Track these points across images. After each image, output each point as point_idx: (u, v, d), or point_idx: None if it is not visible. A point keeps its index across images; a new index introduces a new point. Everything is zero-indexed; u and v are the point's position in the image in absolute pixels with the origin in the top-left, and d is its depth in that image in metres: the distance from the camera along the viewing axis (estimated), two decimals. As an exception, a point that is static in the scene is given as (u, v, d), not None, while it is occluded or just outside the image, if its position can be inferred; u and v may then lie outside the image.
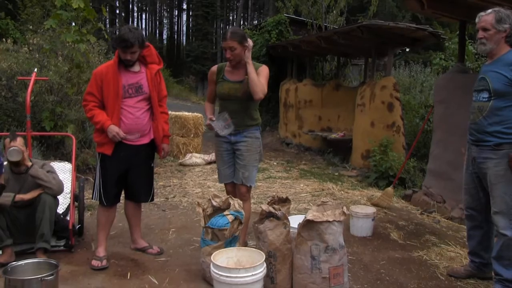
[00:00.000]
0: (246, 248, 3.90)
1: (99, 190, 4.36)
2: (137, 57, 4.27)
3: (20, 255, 4.17)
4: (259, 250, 3.59)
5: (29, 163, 4.38)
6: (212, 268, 3.36)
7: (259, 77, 4.21)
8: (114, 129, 4.16)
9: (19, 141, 4.33)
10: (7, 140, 4.31)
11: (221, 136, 4.29)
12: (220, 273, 3.28)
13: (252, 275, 3.26)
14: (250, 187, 4.45)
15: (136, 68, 4.35)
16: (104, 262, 4.23)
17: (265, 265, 3.40)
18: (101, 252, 4.35)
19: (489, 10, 3.70)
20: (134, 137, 4.30)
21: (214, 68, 4.53)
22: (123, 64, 4.27)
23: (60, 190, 4.48)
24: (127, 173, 4.38)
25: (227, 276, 3.25)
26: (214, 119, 4.24)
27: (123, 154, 4.29)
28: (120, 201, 4.55)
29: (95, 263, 4.22)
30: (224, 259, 3.55)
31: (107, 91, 4.22)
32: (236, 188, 4.48)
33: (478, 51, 3.98)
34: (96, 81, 4.25)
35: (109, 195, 4.36)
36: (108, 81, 4.21)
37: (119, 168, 4.33)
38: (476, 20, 3.76)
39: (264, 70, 4.33)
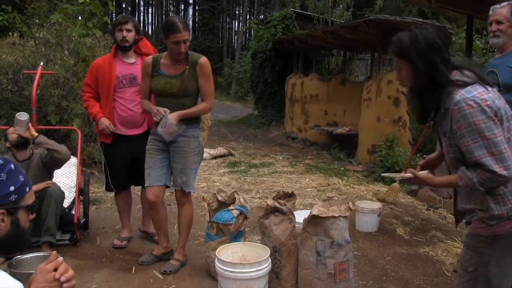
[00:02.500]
0: (251, 243, 3.89)
1: (107, 178, 4.60)
2: (132, 39, 4.43)
3: (25, 249, 4.18)
4: (264, 245, 3.58)
5: (35, 134, 4.35)
6: (216, 263, 3.35)
7: (206, 83, 3.89)
8: (104, 122, 4.34)
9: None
10: (10, 129, 4.34)
11: (157, 133, 3.83)
12: (225, 268, 3.27)
13: (257, 270, 3.25)
14: (189, 192, 4.07)
15: (131, 59, 4.49)
16: (124, 243, 4.60)
17: (270, 260, 3.39)
18: (124, 233, 4.71)
19: (504, 3, 3.64)
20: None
21: (149, 59, 3.99)
22: (119, 55, 4.45)
23: (68, 155, 4.43)
24: (135, 162, 4.43)
25: (232, 271, 3.24)
26: (168, 113, 3.75)
27: (122, 143, 4.42)
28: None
29: (116, 242, 4.59)
30: (229, 254, 3.54)
31: (101, 82, 4.40)
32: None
33: (490, 43, 3.93)
34: (92, 72, 4.48)
35: (117, 182, 4.57)
36: (103, 71, 4.40)
37: (121, 156, 4.46)
38: (490, 12, 3.70)
39: (208, 67, 3.92)
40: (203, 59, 3.88)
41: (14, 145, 4.34)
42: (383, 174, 3.29)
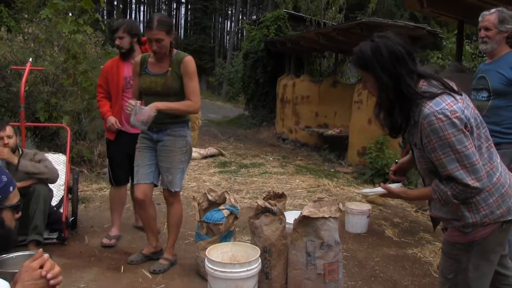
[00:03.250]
0: (241, 243, 3.88)
1: (109, 171, 4.82)
2: (128, 44, 4.54)
3: (12, 248, 4.14)
4: (254, 245, 3.57)
5: (16, 160, 4.27)
6: (206, 263, 3.34)
7: (190, 81, 3.83)
8: (110, 120, 4.49)
9: (8, 130, 4.29)
10: None
11: (144, 131, 3.91)
12: (215, 268, 3.26)
13: (247, 270, 3.24)
14: (176, 191, 4.05)
15: None
16: (113, 241, 4.61)
17: (260, 260, 3.38)
18: (113, 231, 4.72)
19: (493, 10, 3.66)
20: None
21: (138, 58, 4.04)
22: (127, 57, 4.59)
23: (55, 177, 4.45)
24: (130, 160, 4.47)
25: (222, 271, 3.23)
26: (138, 103, 3.71)
27: (124, 140, 4.55)
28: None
29: (105, 240, 4.59)
30: (219, 254, 3.53)
31: (111, 83, 4.60)
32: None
33: (479, 49, 3.96)
34: (103, 75, 4.69)
35: (117, 176, 4.71)
36: (112, 73, 4.59)
37: (122, 152, 4.57)
38: (479, 18, 3.73)
39: (192, 66, 3.86)
40: (188, 58, 3.85)
41: None
42: (358, 192, 3.31)
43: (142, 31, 4.91)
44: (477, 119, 2.24)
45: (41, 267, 1.64)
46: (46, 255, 1.69)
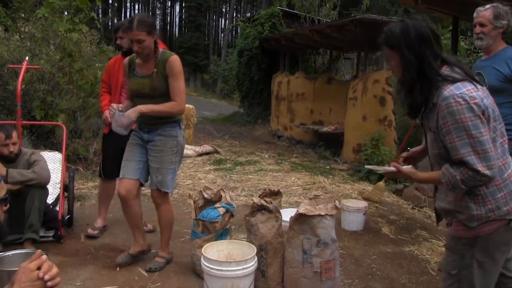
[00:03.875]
0: (237, 241, 3.88)
1: (100, 164, 5.00)
2: (127, 44, 4.46)
3: (8, 246, 4.10)
4: (250, 244, 3.57)
5: (4, 171, 4.18)
6: (202, 261, 3.34)
7: (175, 81, 3.77)
8: (105, 114, 4.58)
9: (14, 137, 4.29)
10: (1, 134, 4.22)
11: (136, 129, 3.96)
12: (211, 266, 3.26)
13: (243, 268, 3.24)
14: (166, 192, 3.98)
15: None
16: (96, 232, 4.77)
17: (256, 258, 3.38)
18: (98, 222, 4.89)
19: (488, 6, 3.66)
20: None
21: (126, 60, 4.00)
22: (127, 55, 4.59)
23: (46, 180, 4.39)
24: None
25: (218, 270, 3.23)
26: (118, 108, 3.71)
27: (117, 134, 4.46)
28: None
29: (90, 231, 4.76)
30: (214, 252, 3.53)
31: (112, 80, 4.77)
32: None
33: (475, 45, 3.95)
34: (107, 70, 4.88)
35: (106, 169, 4.80)
36: (113, 70, 4.77)
37: (115, 146, 4.56)
38: (474, 14, 3.72)
39: (177, 66, 3.79)
40: (173, 58, 3.79)
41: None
42: (366, 166, 3.28)
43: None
44: (495, 111, 2.26)
45: (39, 268, 1.63)
46: (44, 256, 1.68)
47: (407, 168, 2.54)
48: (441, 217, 2.61)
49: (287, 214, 3.83)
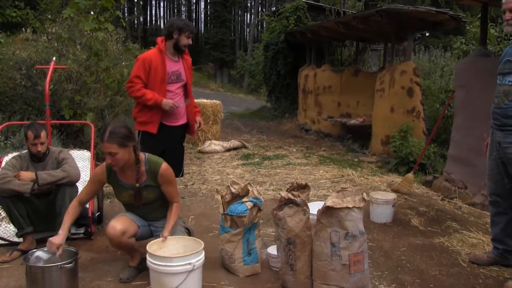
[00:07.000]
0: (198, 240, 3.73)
1: None
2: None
3: (41, 243, 4.19)
4: (200, 240, 3.56)
5: (34, 176, 4.22)
6: (147, 257, 3.36)
7: (170, 186, 3.74)
8: (169, 102, 4.75)
9: (43, 136, 4.34)
10: (30, 133, 4.27)
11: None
12: (150, 260, 3.31)
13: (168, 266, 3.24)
14: None
15: (176, 57, 4.94)
16: None
17: (195, 258, 3.34)
18: None
19: None
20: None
21: (102, 167, 3.73)
22: (167, 53, 4.87)
23: (76, 177, 4.39)
24: (167, 151, 4.82)
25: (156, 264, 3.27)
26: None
27: (162, 133, 4.77)
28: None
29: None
30: (170, 248, 3.56)
31: (154, 76, 4.77)
32: None
33: (505, 32, 3.87)
34: (144, 66, 4.75)
35: None
36: (156, 66, 4.76)
37: (158, 146, 4.72)
38: (503, 1, 3.64)
39: (169, 174, 3.73)
40: (163, 169, 3.69)
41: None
42: None
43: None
44: None
45: None
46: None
47: None
48: None
49: (315, 207, 3.81)
